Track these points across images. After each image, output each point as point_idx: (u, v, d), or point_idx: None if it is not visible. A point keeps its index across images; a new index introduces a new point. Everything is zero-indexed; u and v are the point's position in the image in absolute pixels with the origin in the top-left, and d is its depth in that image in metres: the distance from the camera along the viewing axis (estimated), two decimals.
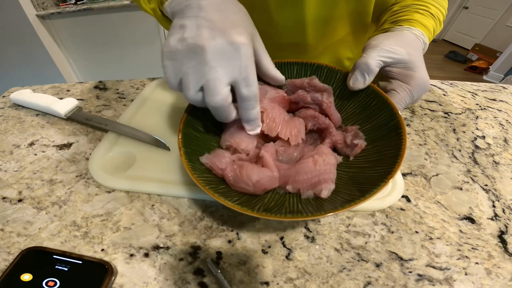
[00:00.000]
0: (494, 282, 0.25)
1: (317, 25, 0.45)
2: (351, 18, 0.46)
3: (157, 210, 0.29)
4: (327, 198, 0.24)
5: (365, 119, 0.30)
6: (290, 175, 0.26)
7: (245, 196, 0.25)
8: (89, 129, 0.40)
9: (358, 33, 0.50)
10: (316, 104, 0.31)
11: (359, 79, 0.30)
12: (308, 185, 0.25)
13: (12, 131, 0.39)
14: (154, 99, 0.45)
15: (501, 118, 0.48)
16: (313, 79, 0.32)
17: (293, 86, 0.32)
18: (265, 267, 0.25)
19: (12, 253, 0.25)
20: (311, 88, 0.32)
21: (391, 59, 0.30)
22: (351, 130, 0.30)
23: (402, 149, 0.24)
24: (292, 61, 0.34)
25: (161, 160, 0.34)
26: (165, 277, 0.24)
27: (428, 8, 0.38)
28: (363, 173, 0.26)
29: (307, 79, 0.32)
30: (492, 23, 3.16)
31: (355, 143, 0.28)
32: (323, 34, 0.47)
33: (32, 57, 1.76)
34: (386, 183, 0.22)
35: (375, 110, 0.29)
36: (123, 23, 1.74)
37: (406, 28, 0.35)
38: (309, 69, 0.33)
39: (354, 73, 0.30)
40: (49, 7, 1.68)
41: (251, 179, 0.24)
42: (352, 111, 0.32)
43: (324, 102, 0.30)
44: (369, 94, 0.31)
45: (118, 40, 1.82)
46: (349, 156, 0.29)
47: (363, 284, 0.24)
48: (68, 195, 0.30)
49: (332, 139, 0.29)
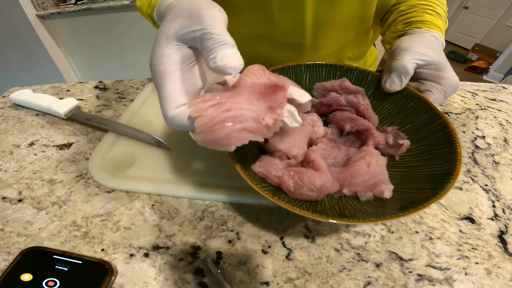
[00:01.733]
0: (494, 282, 0.25)
1: (318, 26, 0.46)
2: (353, 20, 0.46)
3: (157, 210, 0.29)
4: (389, 198, 0.24)
5: (403, 120, 0.30)
6: (345, 178, 0.25)
7: (308, 203, 0.24)
8: (89, 129, 0.40)
9: (359, 34, 0.50)
10: (352, 106, 0.30)
11: (396, 81, 0.30)
12: (365, 187, 0.25)
13: (12, 131, 0.39)
14: (154, 99, 0.45)
15: (501, 118, 0.48)
16: (344, 81, 0.31)
17: (323, 89, 0.32)
18: (265, 267, 0.25)
19: (12, 253, 0.25)
20: (343, 90, 0.31)
21: (423, 61, 0.30)
22: (391, 131, 0.29)
23: (456, 146, 0.25)
24: (321, 63, 0.33)
25: (161, 160, 0.34)
26: (165, 277, 0.24)
27: (434, 8, 0.39)
28: (417, 171, 0.27)
29: (338, 81, 0.32)
30: (492, 23, 3.16)
31: (400, 143, 0.28)
32: (324, 35, 0.47)
33: (32, 57, 1.76)
34: (455, 177, 0.23)
35: (414, 111, 0.30)
36: (123, 23, 1.74)
37: (425, 30, 0.35)
38: (338, 71, 0.33)
39: (391, 75, 0.31)
40: (49, 7, 1.69)
41: (315, 185, 0.23)
42: (387, 112, 0.32)
43: (361, 104, 0.30)
44: (405, 95, 0.31)
45: (118, 40, 1.82)
46: (394, 156, 0.29)
47: (363, 284, 0.24)
48: (68, 195, 0.30)
49: (375, 140, 0.29)
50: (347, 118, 0.30)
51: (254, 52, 0.52)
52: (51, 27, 1.71)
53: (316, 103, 0.31)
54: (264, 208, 0.30)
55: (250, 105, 0.20)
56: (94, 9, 1.63)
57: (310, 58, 0.50)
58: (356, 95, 0.31)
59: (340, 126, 0.30)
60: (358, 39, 0.51)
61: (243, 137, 0.20)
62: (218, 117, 0.19)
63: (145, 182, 0.31)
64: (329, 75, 0.33)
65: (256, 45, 0.51)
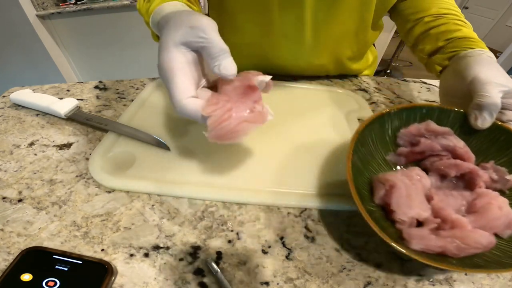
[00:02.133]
0: (494, 282, 0.25)
1: (317, 26, 0.46)
2: (352, 19, 0.46)
3: (157, 210, 0.29)
4: None
5: (496, 154, 0.30)
6: (484, 225, 0.25)
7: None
8: (89, 129, 0.40)
9: (359, 33, 0.50)
10: (447, 150, 0.30)
11: (488, 119, 0.30)
12: (503, 227, 0.25)
13: (12, 131, 0.39)
14: (154, 99, 0.45)
15: None
16: (429, 123, 0.31)
17: (410, 135, 0.31)
18: (265, 267, 0.25)
19: (12, 253, 0.25)
20: (430, 133, 0.30)
21: (504, 92, 0.30)
22: (490, 167, 0.29)
23: None
24: (402, 108, 0.32)
25: (161, 160, 0.34)
26: (165, 277, 0.24)
27: (460, 17, 0.40)
28: None
29: (423, 124, 0.31)
30: (492, 23, 3.16)
31: (507, 178, 0.28)
32: (324, 35, 0.48)
33: (32, 57, 1.76)
34: None
35: (507, 144, 0.30)
36: (123, 23, 1.74)
37: (480, 51, 0.35)
38: (418, 113, 0.32)
39: (483, 113, 0.30)
40: (49, 7, 1.68)
41: (481, 243, 0.23)
42: (477, 148, 0.31)
43: (458, 148, 0.29)
44: (494, 129, 0.30)
45: (118, 40, 1.82)
46: (503, 191, 0.29)
47: (363, 284, 0.24)
48: (68, 195, 0.30)
49: (483, 180, 0.28)
50: (450, 164, 0.29)
51: (255, 53, 0.52)
52: (51, 27, 1.71)
53: (407, 152, 0.31)
54: (264, 208, 0.30)
55: (242, 103, 0.26)
56: (94, 9, 1.63)
57: (311, 58, 0.51)
58: (447, 136, 0.30)
59: (442, 172, 0.29)
60: (358, 39, 0.51)
61: (246, 127, 0.26)
62: (224, 116, 0.25)
63: (145, 182, 0.31)
64: (409, 119, 0.32)
65: (256, 49, 0.51)
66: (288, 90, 0.50)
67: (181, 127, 0.39)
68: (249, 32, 0.49)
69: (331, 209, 0.30)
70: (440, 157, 0.30)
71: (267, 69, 0.52)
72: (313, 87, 0.51)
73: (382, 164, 0.31)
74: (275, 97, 0.47)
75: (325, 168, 0.34)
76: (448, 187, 0.29)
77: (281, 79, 0.53)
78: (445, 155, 0.30)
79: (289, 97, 0.48)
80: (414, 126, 0.31)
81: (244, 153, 0.35)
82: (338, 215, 0.30)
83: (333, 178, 0.33)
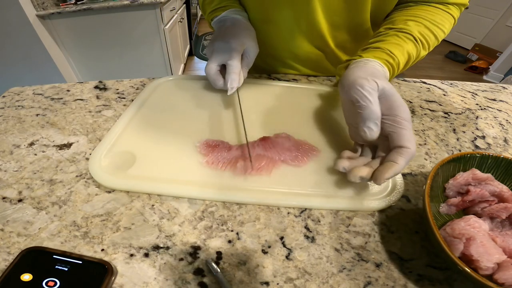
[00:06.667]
0: None
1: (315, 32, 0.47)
2: (349, 27, 0.47)
3: (157, 210, 0.29)
4: None
5: None
6: None
7: None
8: (89, 129, 0.40)
9: (358, 39, 0.50)
10: (494, 195, 0.31)
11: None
12: None
13: (12, 131, 0.39)
14: (154, 99, 0.45)
15: (501, 118, 0.48)
16: (474, 171, 0.32)
17: (459, 186, 0.32)
18: (265, 267, 0.25)
19: (12, 253, 0.25)
20: (476, 181, 0.32)
21: None
22: None
23: None
24: (449, 159, 0.33)
25: (161, 160, 0.34)
26: (165, 277, 0.24)
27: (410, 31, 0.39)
28: None
29: (469, 173, 0.32)
30: (492, 23, 3.16)
31: None
32: (325, 40, 0.48)
33: (32, 57, 1.76)
34: None
35: None
36: (123, 23, 1.74)
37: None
38: (462, 162, 0.33)
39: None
40: (49, 7, 1.68)
41: None
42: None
43: (504, 192, 0.31)
44: None
45: (118, 40, 1.82)
46: None
47: (363, 284, 0.24)
48: (68, 195, 0.30)
49: None
50: (501, 208, 0.30)
51: None
52: (51, 27, 1.71)
53: (458, 202, 0.32)
54: (264, 208, 0.30)
55: (281, 154, 0.35)
56: (94, 9, 1.63)
57: (310, 60, 0.51)
58: (490, 182, 0.31)
59: (494, 216, 0.31)
60: (358, 46, 0.52)
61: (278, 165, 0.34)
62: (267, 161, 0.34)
63: (145, 182, 0.31)
64: (455, 168, 0.33)
65: None
66: (288, 90, 0.50)
67: (181, 127, 0.39)
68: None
69: (331, 209, 0.30)
70: (489, 203, 0.31)
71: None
72: (314, 87, 0.51)
73: (436, 215, 0.31)
74: (276, 97, 0.47)
75: (326, 168, 0.34)
76: (498, 227, 0.31)
77: (281, 79, 0.53)
78: (492, 200, 0.31)
79: (289, 97, 0.48)
80: (461, 175, 0.32)
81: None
82: (338, 215, 0.30)
83: (333, 178, 0.33)
